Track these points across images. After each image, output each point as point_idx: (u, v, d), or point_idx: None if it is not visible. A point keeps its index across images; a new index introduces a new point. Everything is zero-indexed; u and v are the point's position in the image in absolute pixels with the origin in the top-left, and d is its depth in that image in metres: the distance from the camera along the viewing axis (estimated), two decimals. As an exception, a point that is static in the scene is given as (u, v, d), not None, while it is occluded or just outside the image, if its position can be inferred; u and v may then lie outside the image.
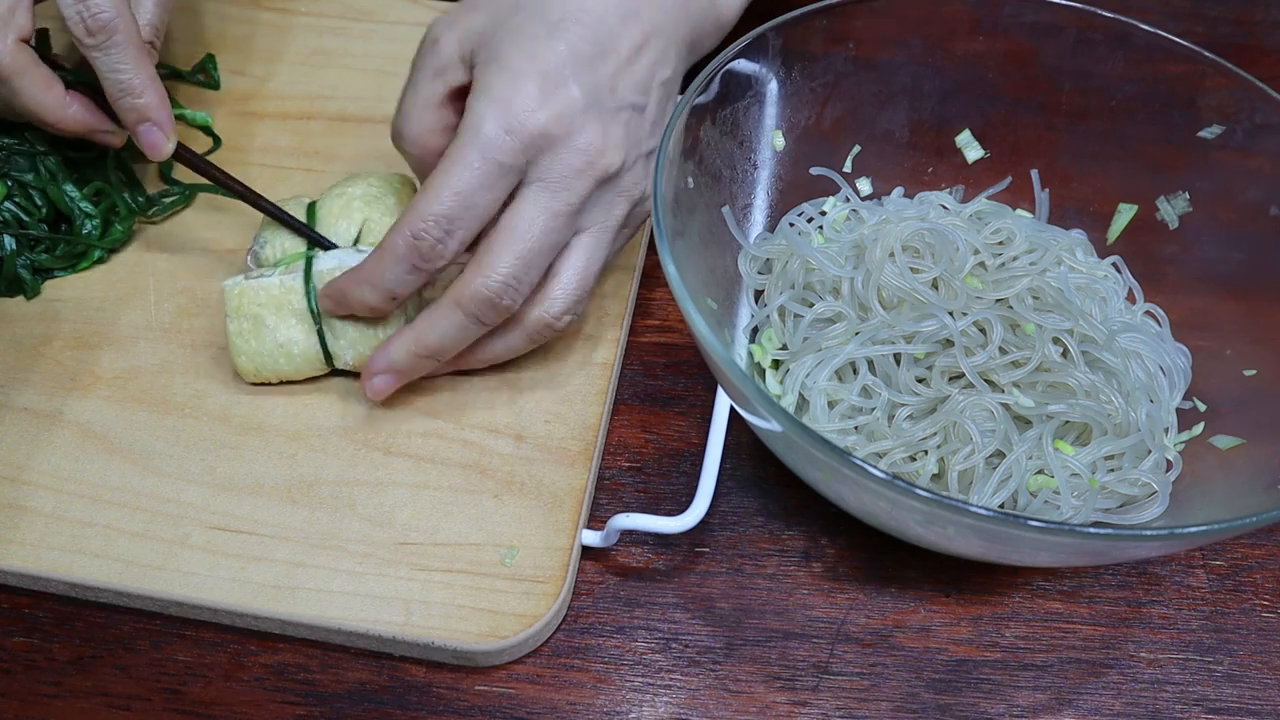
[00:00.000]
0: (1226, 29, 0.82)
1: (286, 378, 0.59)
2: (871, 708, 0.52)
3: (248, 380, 0.59)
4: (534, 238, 0.54)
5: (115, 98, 0.58)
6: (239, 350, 0.58)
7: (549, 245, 0.55)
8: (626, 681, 0.53)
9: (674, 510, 0.55)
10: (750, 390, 0.46)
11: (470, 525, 0.55)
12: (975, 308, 0.56)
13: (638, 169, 0.57)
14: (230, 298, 0.58)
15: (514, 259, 0.54)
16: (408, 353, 0.56)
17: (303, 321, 0.58)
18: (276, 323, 0.57)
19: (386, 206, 0.60)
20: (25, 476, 0.56)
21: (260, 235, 0.60)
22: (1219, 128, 0.59)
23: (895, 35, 0.63)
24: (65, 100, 0.59)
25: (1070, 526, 0.49)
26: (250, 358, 0.58)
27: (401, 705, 0.52)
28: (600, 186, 0.55)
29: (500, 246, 0.54)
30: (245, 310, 0.57)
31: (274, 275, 0.58)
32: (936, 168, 0.65)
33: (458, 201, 0.53)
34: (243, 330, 0.58)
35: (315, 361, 0.58)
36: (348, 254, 0.58)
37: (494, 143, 0.53)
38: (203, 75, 0.73)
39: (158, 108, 0.59)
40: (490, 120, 0.53)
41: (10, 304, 0.63)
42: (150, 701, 0.52)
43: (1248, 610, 0.56)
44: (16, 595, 0.55)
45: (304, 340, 0.58)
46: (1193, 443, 0.57)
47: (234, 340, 0.58)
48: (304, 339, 0.58)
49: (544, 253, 0.55)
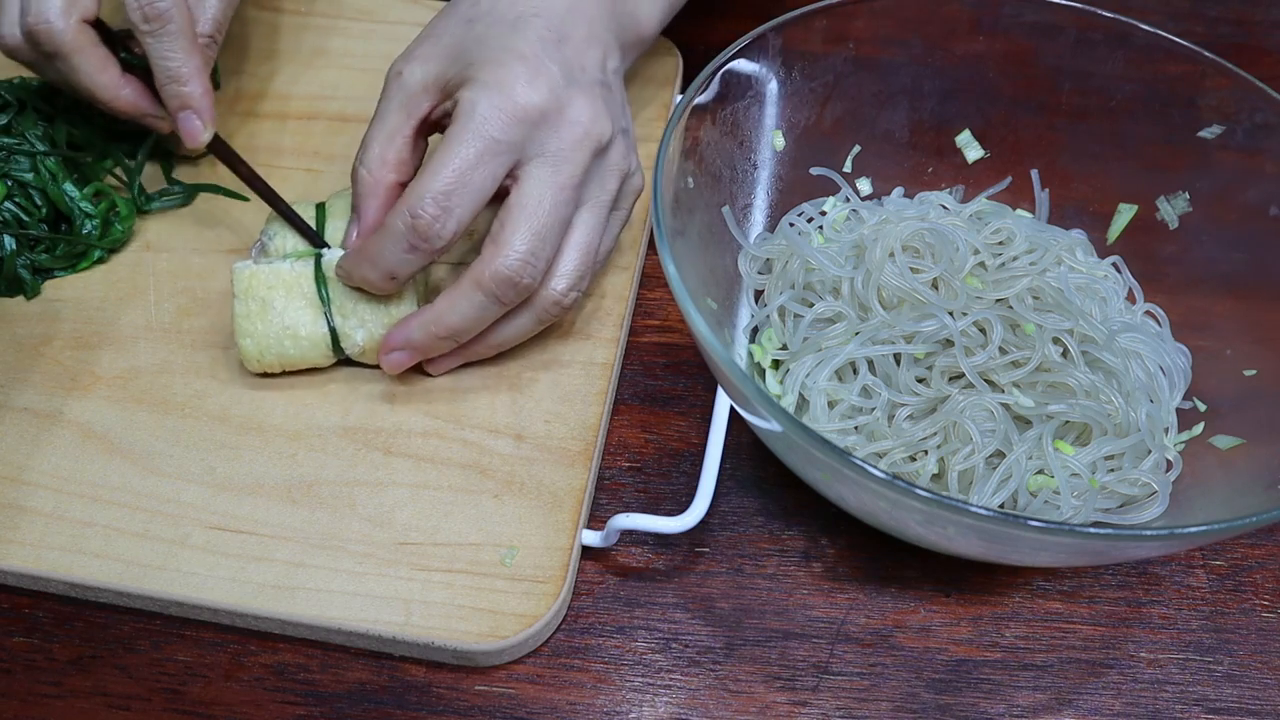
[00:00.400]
0: (1226, 29, 0.82)
1: (291, 364, 0.59)
2: (871, 708, 0.52)
3: (251, 368, 0.59)
4: (545, 212, 0.55)
5: (162, 83, 0.61)
6: (244, 332, 0.58)
7: (559, 219, 0.56)
8: (626, 681, 0.53)
9: (674, 510, 0.55)
10: (750, 390, 0.46)
11: (470, 525, 0.55)
12: (975, 308, 0.56)
13: (620, 144, 0.58)
14: (239, 279, 0.58)
15: (530, 235, 0.54)
16: (426, 333, 0.56)
17: (311, 306, 0.58)
18: (285, 305, 0.57)
19: None
20: (25, 476, 0.56)
21: (268, 228, 0.61)
22: (1219, 128, 0.59)
23: (895, 35, 0.63)
24: (120, 82, 0.61)
25: (1070, 526, 0.49)
26: (255, 340, 0.58)
27: (401, 705, 0.52)
28: (595, 158, 0.57)
29: (514, 224, 0.55)
30: (254, 292, 0.57)
31: (285, 262, 0.58)
32: (936, 168, 0.65)
33: (454, 179, 0.54)
34: (249, 312, 0.57)
35: (321, 346, 0.58)
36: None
37: (488, 120, 0.54)
38: None
39: (200, 97, 0.61)
40: (484, 101, 0.54)
41: (10, 304, 0.63)
42: (150, 701, 0.52)
43: (1248, 610, 0.56)
44: (16, 595, 0.55)
45: (311, 324, 0.58)
46: (1193, 443, 0.57)
47: (240, 322, 0.57)
48: (311, 323, 0.58)
49: (556, 227, 0.55)
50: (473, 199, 0.54)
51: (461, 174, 0.54)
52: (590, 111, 0.56)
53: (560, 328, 0.62)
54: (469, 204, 0.54)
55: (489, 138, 0.54)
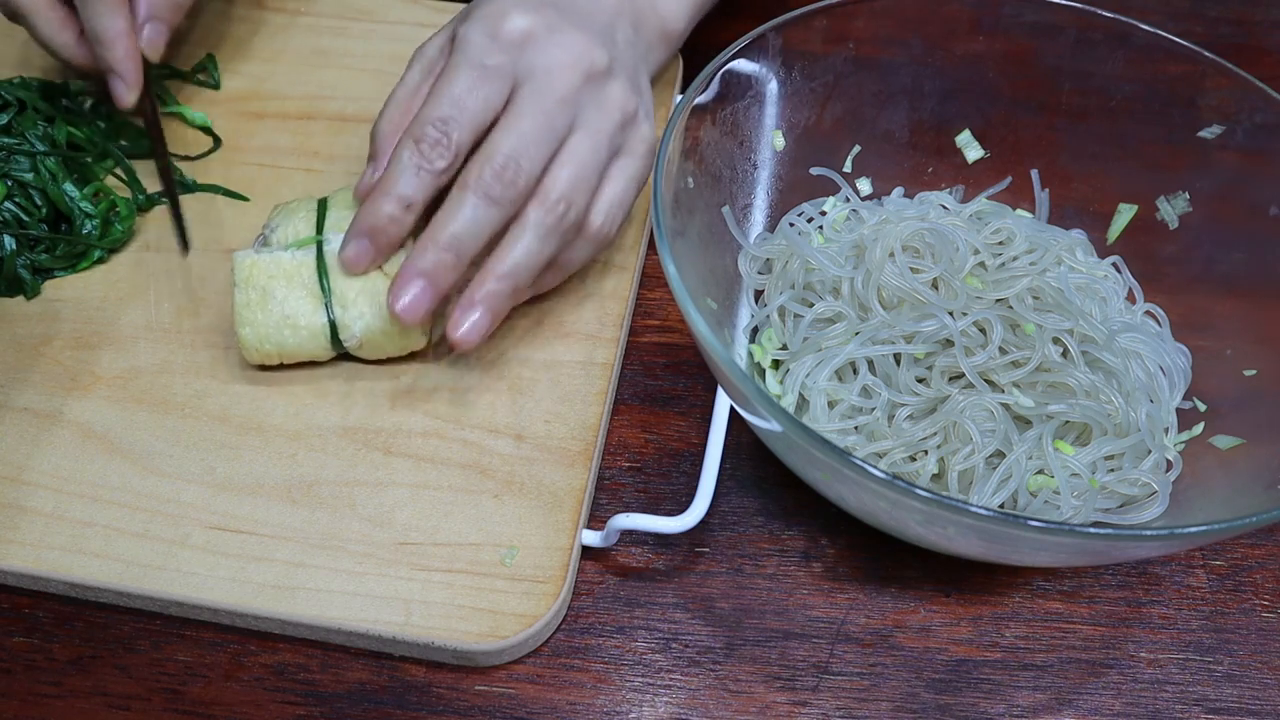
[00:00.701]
0: (1226, 29, 0.82)
1: (290, 355, 0.59)
2: (871, 708, 0.52)
3: (250, 359, 0.59)
4: (530, 120, 0.57)
5: (90, 44, 0.64)
6: (244, 320, 0.57)
7: (547, 128, 0.57)
8: (626, 681, 0.53)
9: (674, 510, 0.55)
10: (750, 390, 0.46)
11: (470, 525, 0.55)
12: (975, 308, 0.56)
13: (623, 83, 0.60)
14: (240, 268, 0.58)
15: (513, 138, 0.56)
16: (429, 251, 0.56)
17: (312, 296, 0.58)
18: (285, 294, 0.57)
19: None
20: (25, 476, 0.56)
21: (271, 221, 0.61)
22: (1219, 128, 0.59)
23: (895, 35, 0.63)
24: (78, 41, 0.65)
25: (1070, 526, 0.49)
26: (255, 328, 0.58)
27: (401, 705, 0.52)
28: (589, 82, 0.58)
29: (498, 133, 0.57)
30: (254, 281, 0.57)
31: (286, 252, 0.58)
32: (936, 168, 0.65)
33: (451, 104, 0.56)
34: (250, 301, 0.57)
35: (320, 338, 0.58)
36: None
37: (479, 47, 0.57)
38: (203, 75, 0.73)
39: (122, 60, 0.64)
40: (475, 30, 0.58)
41: (10, 304, 0.63)
42: (150, 701, 0.52)
43: (1248, 610, 0.56)
44: (16, 595, 0.55)
45: (311, 314, 0.58)
46: (1193, 443, 0.57)
47: (240, 311, 0.57)
48: (311, 313, 0.58)
49: (542, 134, 0.57)
50: (470, 120, 0.56)
51: (457, 100, 0.56)
52: (584, 41, 0.58)
53: (560, 328, 0.62)
54: (466, 125, 0.56)
55: (480, 65, 0.57)
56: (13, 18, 0.66)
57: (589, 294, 0.64)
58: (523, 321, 0.62)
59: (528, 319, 0.63)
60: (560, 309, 0.63)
